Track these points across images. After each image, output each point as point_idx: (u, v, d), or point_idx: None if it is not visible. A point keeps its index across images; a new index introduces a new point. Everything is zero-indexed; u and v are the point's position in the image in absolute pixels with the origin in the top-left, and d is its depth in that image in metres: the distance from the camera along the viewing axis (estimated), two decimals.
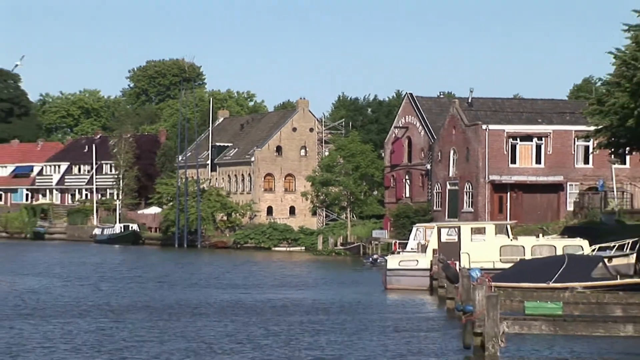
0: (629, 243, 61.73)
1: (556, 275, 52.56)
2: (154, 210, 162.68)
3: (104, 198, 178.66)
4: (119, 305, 55.18)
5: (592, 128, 77.01)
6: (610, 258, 57.77)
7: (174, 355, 35.34)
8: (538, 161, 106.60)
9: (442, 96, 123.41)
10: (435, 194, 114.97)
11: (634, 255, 59.79)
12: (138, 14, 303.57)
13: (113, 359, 34.12)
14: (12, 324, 45.25)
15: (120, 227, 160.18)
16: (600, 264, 54.96)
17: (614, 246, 61.78)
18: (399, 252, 74.25)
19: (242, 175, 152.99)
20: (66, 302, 56.93)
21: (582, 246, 63.07)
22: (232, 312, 51.82)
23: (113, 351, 36.75)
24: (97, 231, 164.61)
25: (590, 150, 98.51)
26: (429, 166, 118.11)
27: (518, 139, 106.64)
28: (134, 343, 38.92)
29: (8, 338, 40.02)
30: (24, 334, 41.76)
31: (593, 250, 61.70)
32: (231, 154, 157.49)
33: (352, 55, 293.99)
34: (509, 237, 67.83)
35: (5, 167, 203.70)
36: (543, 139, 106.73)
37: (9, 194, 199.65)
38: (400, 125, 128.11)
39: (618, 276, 53.85)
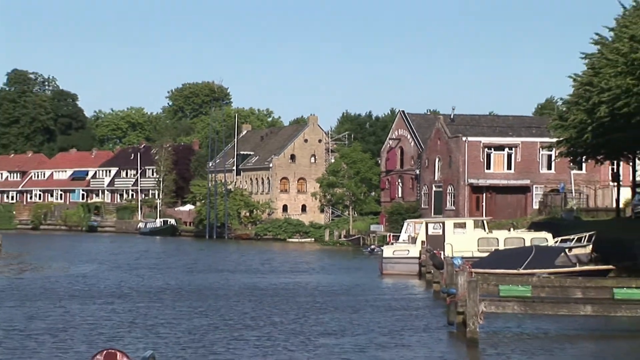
0: (585, 236, 61.49)
1: (525, 263, 52.23)
2: (189, 207, 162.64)
3: (147, 197, 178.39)
4: (154, 288, 54.76)
5: (554, 140, 78.83)
6: (570, 248, 57.41)
7: (200, 330, 34.90)
8: (509, 167, 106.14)
9: (429, 113, 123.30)
10: (423, 194, 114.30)
11: (590, 246, 59.55)
12: (176, 43, 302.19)
13: (148, 334, 33.66)
14: (63, 304, 44.85)
15: (161, 222, 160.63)
16: (562, 254, 54.77)
17: (574, 238, 61.39)
18: (392, 243, 73.84)
19: (262, 178, 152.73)
20: (110, 285, 56.54)
21: (547, 238, 62.98)
22: (250, 293, 51.34)
23: (149, 326, 36.52)
24: (141, 225, 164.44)
25: (553, 158, 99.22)
26: (418, 171, 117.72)
27: (492, 149, 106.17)
28: (166, 320, 38.56)
29: (59, 315, 39.68)
30: (73, 312, 41.35)
31: (556, 241, 61.41)
32: (253, 161, 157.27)
33: (354, 79, 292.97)
34: (485, 230, 67.93)
35: (65, 171, 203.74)
36: (513, 148, 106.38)
37: (68, 194, 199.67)
38: (394, 137, 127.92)
39: (577, 264, 53.64)
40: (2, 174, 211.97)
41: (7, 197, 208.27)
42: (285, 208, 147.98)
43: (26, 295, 49.79)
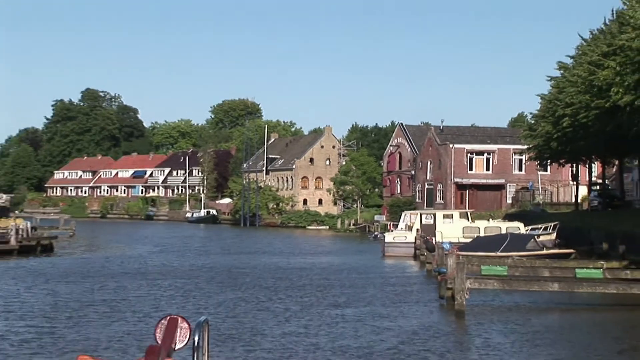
0: (550, 225, 60.98)
1: (502, 247, 51.79)
2: (227, 200, 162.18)
3: (193, 192, 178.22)
4: (195, 266, 54.04)
5: (525, 147, 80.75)
6: (538, 235, 56.70)
7: (229, 302, 34.13)
8: (487, 169, 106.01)
9: (422, 124, 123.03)
10: (417, 191, 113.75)
11: (554, 233, 59.01)
12: (217, 66, 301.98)
13: (187, 305, 32.82)
14: (117, 279, 44.07)
15: (204, 212, 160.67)
16: (532, 240, 54.21)
17: (541, 227, 60.81)
18: (392, 231, 73.11)
19: (287, 177, 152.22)
20: (160, 264, 55.86)
21: (519, 227, 62.19)
22: (273, 271, 50.50)
23: (187, 298, 35.97)
24: (188, 215, 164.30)
25: (523, 161, 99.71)
26: (413, 172, 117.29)
27: (474, 154, 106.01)
28: (202, 293, 37.96)
29: (113, 289, 38.93)
30: (125, 286, 40.67)
31: (526, 230, 60.71)
32: (279, 163, 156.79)
33: (361, 97, 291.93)
34: (468, 220, 67.24)
35: (128, 171, 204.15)
36: (491, 154, 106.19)
37: (129, 189, 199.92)
38: (394, 144, 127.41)
39: (544, 248, 52.98)
40: (77, 172, 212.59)
41: (81, 191, 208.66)
42: (305, 201, 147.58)
43: (89, 271, 49.20)
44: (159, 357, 3.28)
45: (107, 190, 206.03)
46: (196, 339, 3.42)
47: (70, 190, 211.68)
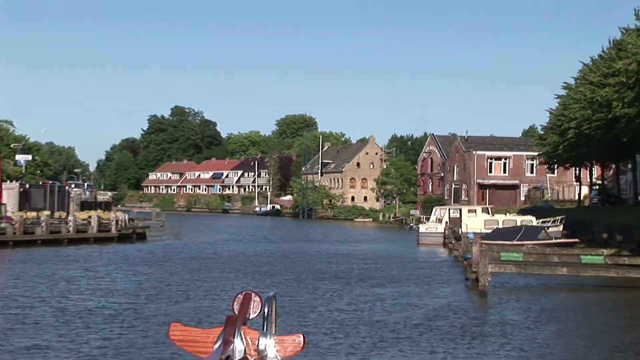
0: (558, 219, 60.19)
1: (517, 237, 51.09)
2: (288, 197, 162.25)
3: (261, 190, 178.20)
4: (259, 252, 53.60)
5: (536, 153, 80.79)
6: (548, 227, 55.79)
7: (285, 282, 33.51)
8: (504, 172, 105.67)
9: (450, 135, 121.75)
10: (446, 190, 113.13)
11: (561, 225, 58.10)
12: (281, 87, 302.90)
13: (249, 284, 32.39)
14: (195, 262, 43.73)
15: (270, 207, 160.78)
16: (543, 231, 53.56)
17: (550, 220, 59.83)
18: (425, 223, 72.39)
19: (338, 178, 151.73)
20: (229, 250, 55.45)
21: (532, 220, 61.17)
22: (323, 256, 50.00)
23: (251, 278, 35.35)
24: (257, 209, 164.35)
25: (535, 166, 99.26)
26: (442, 174, 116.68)
27: (493, 159, 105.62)
28: (263, 275, 37.24)
29: (192, 270, 38.47)
30: (201, 268, 40.24)
31: (538, 222, 59.74)
32: (331, 167, 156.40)
33: (400, 111, 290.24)
34: (489, 214, 66.41)
35: (208, 173, 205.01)
36: (507, 159, 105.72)
37: (209, 188, 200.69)
38: (426, 151, 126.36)
39: (553, 238, 52.15)
40: (167, 174, 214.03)
41: (170, 189, 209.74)
42: (352, 198, 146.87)
43: (174, 255, 49.05)
44: (236, 324, 3.39)
45: (191, 188, 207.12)
46: (266, 310, 3.54)
47: (162, 188, 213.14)
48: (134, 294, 28.72)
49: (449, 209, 71.30)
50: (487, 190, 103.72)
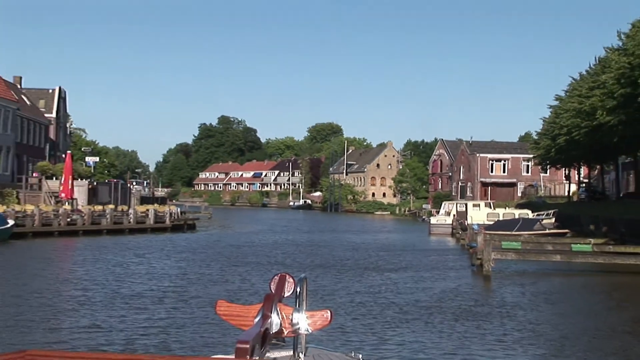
0: (550, 212, 59.37)
1: (516, 228, 50.45)
2: (318, 193, 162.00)
3: (294, 187, 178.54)
4: (289, 241, 53.09)
5: (531, 156, 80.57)
6: (542, 219, 54.90)
7: (313, 267, 32.70)
8: (504, 171, 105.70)
9: (457, 140, 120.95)
10: (453, 187, 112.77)
11: (553, 218, 57.18)
12: (314, 99, 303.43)
13: (281, 269, 31.83)
14: (235, 249, 43.38)
15: (302, 201, 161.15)
16: (538, 222, 52.69)
17: (544, 214, 58.94)
18: (435, 215, 71.60)
19: (360, 177, 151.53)
20: (266, 239, 55.11)
21: (528, 213, 60.29)
22: (346, 244, 49.49)
23: (282, 264, 34.53)
24: (291, 203, 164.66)
25: (530, 166, 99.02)
26: (450, 174, 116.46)
27: (494, 161, 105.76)
28: (292, 260, 36.67)
29: (232, 257, 38.04)
30: (241, 254, 39.80)
31: (533, 215, 58.91)
32: (355, 167, 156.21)
33: (414, 119, 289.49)
34: (491, 208, 65.39)
35: (249, 173, 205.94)
36: (506, 161, 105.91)
37: (251, 185, 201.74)
38: (437, 154, 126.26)
39: (547, 229, 51.24)
40: (215, 173, 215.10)
41: (218, 187, 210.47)
42: (373, 194, 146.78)
43: (218, 244, 48.71)
44: (273, 301, 3.39)
45: (235, 186, 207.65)
46: (298, 290, 3.63)
47: (210, 186, 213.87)
48: (181, 277, 28.14)
49: (456, 204, 70.44)
50: (489, 188, 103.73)
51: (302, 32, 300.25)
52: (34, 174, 68.54)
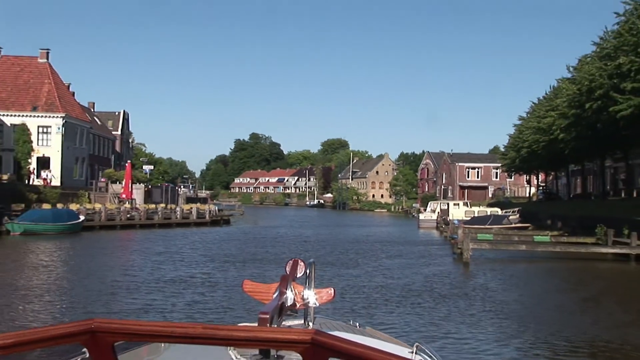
0: (516, 210, 57.99)
1: (488, 222, 49.60)
2: (329, 195, 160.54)
3: (310, 190, 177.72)
4: (302, 236, 52.39)
5: (499, 165, 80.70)
6: (509, 216, 53.86)
7: (318, 256, 31.81)
8: (478, 177, 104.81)
9: (440, 152, 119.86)
10: (437, 190, 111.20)
11: (518, 214, 55.74)
12: (325, 117, 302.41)
13: (293, 256, 31.10)
14: (261, 241, 42.68)
15: (317, 201, 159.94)
16: (506, 218, 51.82)
17: (510, 211, 57.80)
18: (423, 213, 70.59)
19: (363, 182, 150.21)
20: (284, 233, 54.46)
21: (498, 211, 59.05)
22: (348, 236, 48.72)
23: (296, 251, 33.85)
24: (307, 203, 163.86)
25: (498, 173, 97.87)
26: (435, 179, 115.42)
27: (470, 169, 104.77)
28: (302, 250, 35.78)
29: (258, 247, 37.35)
30: (262, 244, 39.08)
31: (502, 212, 57.83)
32: (358, 174, 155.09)
33: (406, 135, 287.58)
34: (468, 207, 64.47)
35: (274, 178, 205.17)
36: (480, 168, 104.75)
37: (275, 188, 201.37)
38: (424, 163, 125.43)
39: (513, 223, 50.25)
40: (247, 179, 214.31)
41: (249, 189, 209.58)
42: (373, 195, 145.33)
43: (248, 236, 48.08)
44: (288, 281, 3.40)
45: (263, 189, 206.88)
46: (308, 271, 3.62)
47: (243, 188, 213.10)
48: (215, 263, 27.48)
49: (440, 203, 69.32)
50: (466, 190, 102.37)
51: (317, 68, 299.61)
52: (102, 179, 68.22)
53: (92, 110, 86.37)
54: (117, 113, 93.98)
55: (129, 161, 66.78)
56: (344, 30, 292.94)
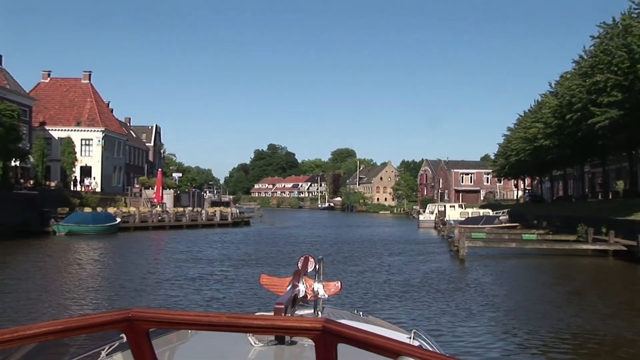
0: (505, 211, 57.46)
1: (481, 222, 49.13)
2: (339, 198, 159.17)
3: (321, 194, 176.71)
4: (314, 236, 51.94)
5: (490, 171, 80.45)
6: (499, 216, 53.28)
7: (328, 255, 31.51)
8: (471, 182, 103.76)
9: (437, 159, 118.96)
10: (435, 194, 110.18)
11: (507, 215, 55.19)
12: (334, 129, 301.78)
13: (305, 252, 30.76)
14: (278, 240, 42.30)
15: (327, 204, 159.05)
16: (497, 219, 51.27)
17: (500, 212, 57.19)
18: (423, 214, 69.96)
19: (369, 187, 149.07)
20: (297, 233, 54.01)
21: (489, 212, 58.47)
22: (354, 236, 48.26)
23: (306, 250, 33.38)
24: (319, 206, 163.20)
25: (489, 178, 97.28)
26: (433, 184, 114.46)
27: (464, 174, 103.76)
28: (313, 249, 35.27)
29: (274, 246, 37.00)
30: (275, 242, 38.70)
31: (493, 213, 57.18)
32: (364, 180, 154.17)
33: (408, 145, 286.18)
34: (462, 208, 63.78)
35: (290, 184, 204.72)
36: (472, 174, 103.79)
37: (291, 193, 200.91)
38: (423, 170, 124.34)
39: (503, 223, 49.70)
40: (265, 185, 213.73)
41: (267, 194, 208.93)
42: (377, 199, 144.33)
43: (265, 236, 47.69)
44: (300, 275, 3.43)
45: (280, 193, 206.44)
46: (317, 266, 3.58)
47: (262, 193, 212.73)
48: (234, 261, 27.17)
49: (437, 205, 68.67)
50: (460, 194, 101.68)
51: (328, 87, 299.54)
52: (136, 186, 68.25)
53: (129, 124, 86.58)
54: (150, 127, 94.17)
55: (160, 169, 66.89)
56: (351, 58, 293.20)
